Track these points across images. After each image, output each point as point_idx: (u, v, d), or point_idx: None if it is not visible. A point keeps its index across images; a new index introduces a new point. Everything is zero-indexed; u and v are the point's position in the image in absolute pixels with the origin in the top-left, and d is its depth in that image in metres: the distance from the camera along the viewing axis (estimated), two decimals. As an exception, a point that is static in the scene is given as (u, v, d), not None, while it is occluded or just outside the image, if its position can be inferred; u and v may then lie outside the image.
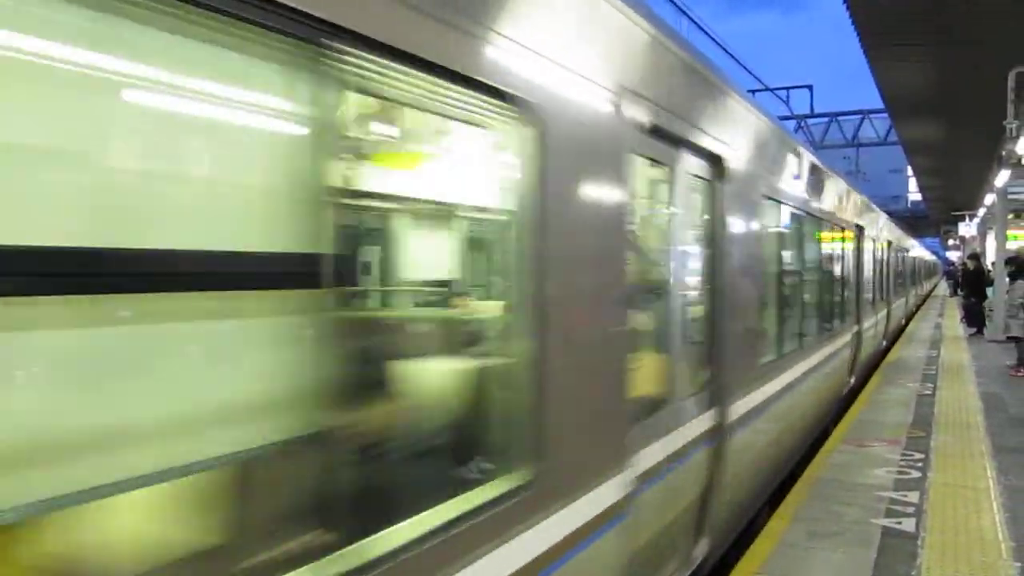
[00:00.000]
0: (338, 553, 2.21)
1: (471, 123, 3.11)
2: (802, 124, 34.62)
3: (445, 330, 4.91)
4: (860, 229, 13.89)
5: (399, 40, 2.37)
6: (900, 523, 6.29)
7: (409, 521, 2.56)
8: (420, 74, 2.50)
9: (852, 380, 12.69)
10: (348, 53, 2.20)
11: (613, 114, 3.76)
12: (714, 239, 5.46)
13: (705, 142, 5.07)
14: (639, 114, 4.00)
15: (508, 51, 2.91)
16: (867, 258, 14.78)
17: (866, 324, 14.16)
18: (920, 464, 8.04)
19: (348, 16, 2.17)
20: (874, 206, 16.74)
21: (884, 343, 18.23)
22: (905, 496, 6.97)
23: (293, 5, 2.00)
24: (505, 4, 2.97)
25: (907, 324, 25.66)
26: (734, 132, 5.82)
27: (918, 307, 33.99)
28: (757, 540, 6.02)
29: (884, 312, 17.92)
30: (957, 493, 7.06)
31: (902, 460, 8.22)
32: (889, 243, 20.64)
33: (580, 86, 3.45)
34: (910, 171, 41.49)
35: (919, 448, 8.70)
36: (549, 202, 3.15)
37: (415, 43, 2.44)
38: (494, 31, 2.85)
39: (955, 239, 54.80)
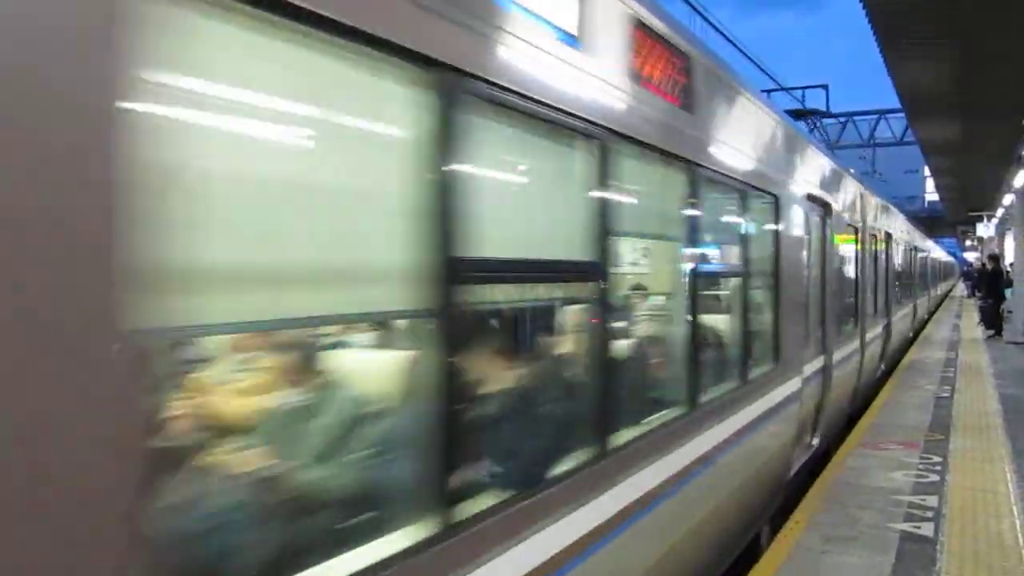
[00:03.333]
0: None
1: None
2: (817, 124, 34.39)
3: None
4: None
5: None
6: (919, 528, 6.20)
7: None
8: None
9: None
10: None
11: None
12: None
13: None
14: None
15: None
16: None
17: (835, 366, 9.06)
18: (939, 468, 7.94)
19: None
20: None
21: (882, 367, 14.14)
22: (924, 500, 6.88)
23: None
24: None
25: (915, 336, 21.50)
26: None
27: (931, 314, 29.93)
28: (772, 545, 5.94)
29: (876, 332, 13.36)
30: (977, 497, 6.96)
31: (920, 463, 8.12)
32: (889, 235, 15.48)
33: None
34: (927, 171, 41.20)
35: (937, 451, 8.59)
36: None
37: None
38: None
39: (972, 239, 54.38)
